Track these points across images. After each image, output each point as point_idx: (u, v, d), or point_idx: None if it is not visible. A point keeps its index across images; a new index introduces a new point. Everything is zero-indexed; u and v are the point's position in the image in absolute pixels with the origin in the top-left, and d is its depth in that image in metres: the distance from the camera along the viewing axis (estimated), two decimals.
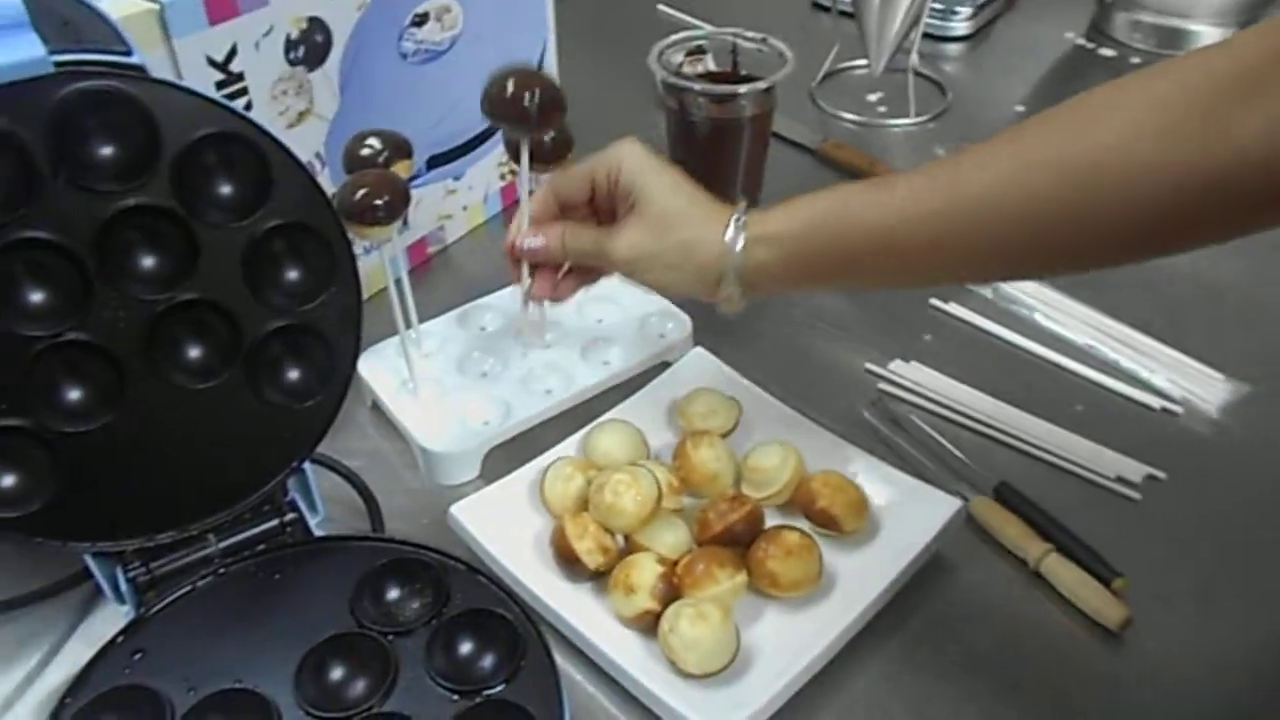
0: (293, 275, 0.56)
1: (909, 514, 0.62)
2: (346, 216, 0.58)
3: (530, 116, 0.59)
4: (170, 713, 0.50)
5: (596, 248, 0.60)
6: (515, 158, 0.65)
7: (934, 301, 0.81)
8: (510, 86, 0.59)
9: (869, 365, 0.76)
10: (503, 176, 0.91)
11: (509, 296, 0.78)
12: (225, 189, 0.53)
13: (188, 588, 0.56)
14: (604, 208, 0.63)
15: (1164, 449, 0.69)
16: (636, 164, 0.60)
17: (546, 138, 0.65)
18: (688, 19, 1.20)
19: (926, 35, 1.11)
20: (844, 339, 0.79)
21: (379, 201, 0.59)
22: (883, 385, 0.74)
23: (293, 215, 0.54)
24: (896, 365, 0.76)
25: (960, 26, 1.18)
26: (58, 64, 0.47)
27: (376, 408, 0.73)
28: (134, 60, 0.50)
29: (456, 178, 0.86)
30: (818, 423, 0.68)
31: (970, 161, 0.51)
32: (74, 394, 0.52)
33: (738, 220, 0.57)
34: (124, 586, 0.56)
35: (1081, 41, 1.18)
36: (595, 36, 1.15)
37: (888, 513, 0.62)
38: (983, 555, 0.63)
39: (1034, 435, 0.70)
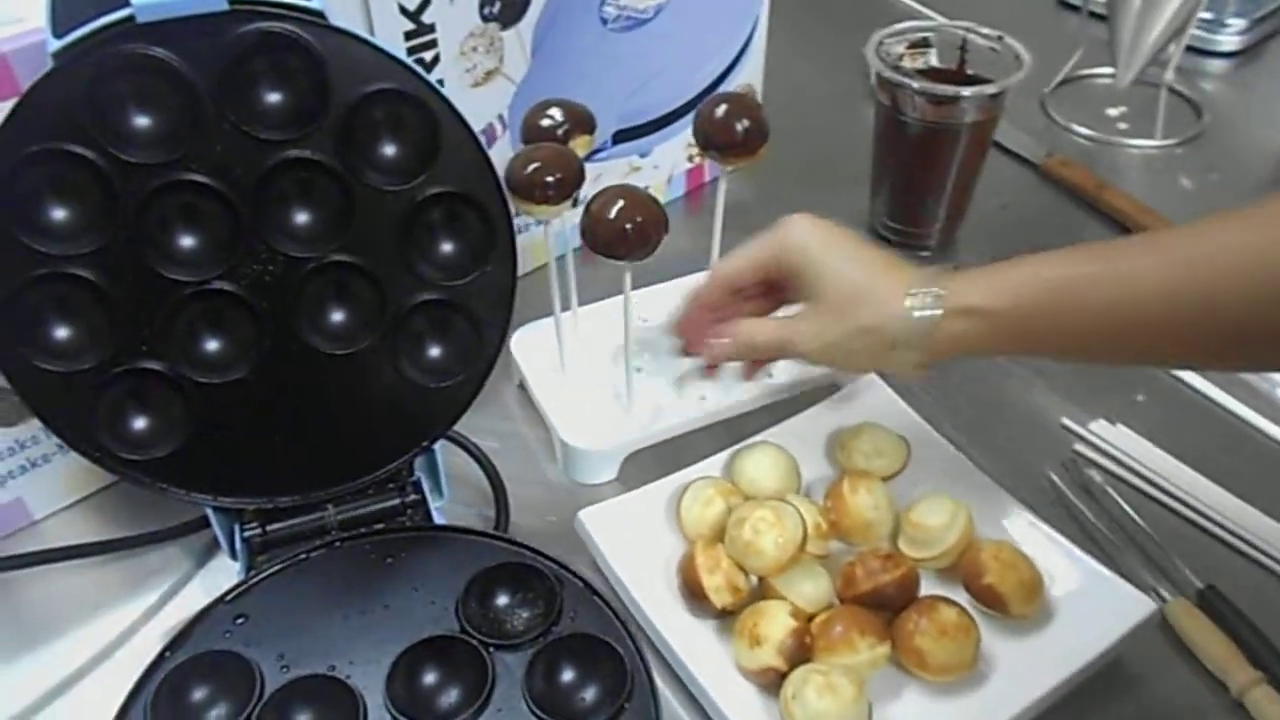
0: (447, 248, 0.52)
1: (1091, 607, 0.53)
2: (514, 191, 0.55)
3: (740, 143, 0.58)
4: (260, 687, 0.48)
5: (781, 345, 0.56)
6: (705, 147, 0.60)
7: None
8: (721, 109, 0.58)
9: (1066, 421, 0.67)
10: (690, 159, 0.85)
11: (675, 289, 0.73)
12: (390, 150, 0.50)
13: (300, 556, 0.54)
14: (776, 287, 0.58)
15: None
16: (805, 245, 0.55)
17: (739, 126, 0.59)
18: (916, 6, 1.11)
19: (1188, 48, 0.98)
20: (1041, 387, 0.70)
21: (550, 179, 0.55)
22: (1079, 447, 0.65)
23: (456, 185, 0.51)
24: (1099, 425, 0.66)
25: (1229, 41, 1.04)
26: (233, 2, 0.45)
27: (524, 388, 0.69)
28: (313, 4, 0.47)
29: (642, 155, 0.81)
30: (997, 481, 0.60)
31: (1215, 231, 0.44)
32: (212, 344, 0.50)
33: (928, 294, 0.51)
34: (239, 545, 0.54)
35: None
36: (810, 17, 1.08)
37: (1066, 602, 0.54)
38: (1176, 667, 0.54)
39: (1255, 532, 0.60)
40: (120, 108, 0.45)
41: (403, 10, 0.61)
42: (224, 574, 0.57)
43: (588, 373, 0.67)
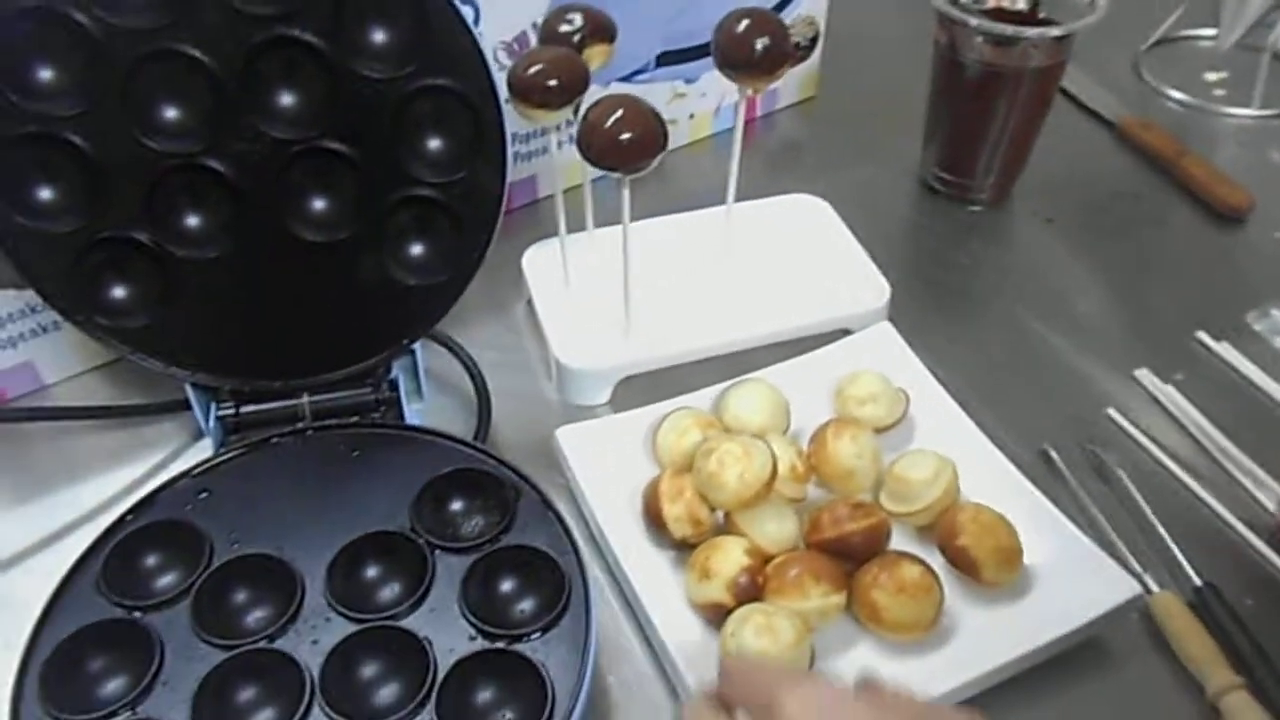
0: (435, 144, 0.52)
1: (1071, 584, 0.50)
2: (513, 92, 0.53)
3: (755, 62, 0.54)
4: (209, 559, 0.49)
5: None
6: (720, 65, 0.57)
7: (1200, 335, 0.66)
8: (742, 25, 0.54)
9: (1091, 390, 0.63)
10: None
11: (706, 218, 0.71)
12: (380, 37, 0.49)
13: (270, 440, 0.54)
14: None
15: None
16: None
17: (759, 43, 0.56)
18: None
19: None
20: (1075, 348, 0.66)
21: (551, 83, 0.53)
22: (1099, 420, 0.61)
23: (447, 79, 0.50)
24: (1126, 397, 0.62)
25: None
26: None
27: (529, 306, 0.68)
28: None
29: (688, 80, 0.79)
30: (995, 442, 0.57)
31: None
32: (193, 219, 0.51)
33: None
34: (212, 422, 0.55)
35: None
36: None
37: (1044, 573, 0.51)
38: (1160, 661, 0.50)
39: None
40: None
41: None
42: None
43: (593, 295, 0.66)
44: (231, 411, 0.55)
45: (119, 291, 0.51)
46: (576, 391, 0.63)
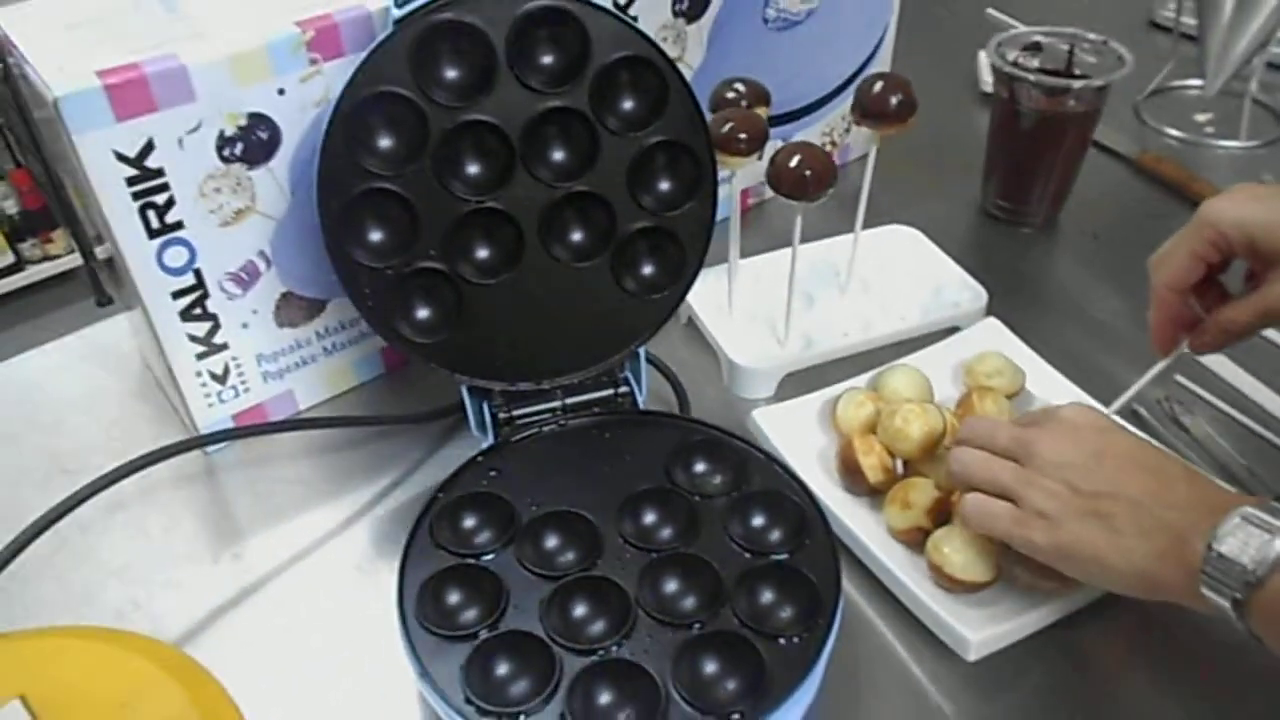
0: (665, 185, 0.66)
1: None
2: (717, 145, 0.68)
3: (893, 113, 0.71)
4: (517, 519, 0.61)
5: (1264, 316, 0.57)
6: (863, 116, 0.73)
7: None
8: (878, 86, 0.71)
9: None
10: (823, 144, 0.98)
11: (825, 247, 0.85)
12: (629, 104, 0.64)
13: (535, 430, 0.67)
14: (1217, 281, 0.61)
15: None
16: (1241, 221, 0.56)
17: (894, 99, 0.72)
18: (1015, 23, 1.23)
19: (1269, 64, 1.09)
20: (1131, 335, 0.81)
21: (742, 135, 0.68)
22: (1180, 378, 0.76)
23: (677, 135, 0.64)
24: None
25: None
26: None
27: (690, 325, 0.82)
28: None
29: (785, 140, 0.94)
30: (1100, 400, 0.71)
31: None
32: (484, 252, 0.64)
33: None
34: (487, 418, 0.68)
35: None
36: (925, 29, 1.20)
37: None
38: None
39: None
40: (438, 61, 0.60)
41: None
42: (458, 456, 0.71)
43: (748, 312, 0.80)
44: (503, 409, 0.67)
45: (423, 313, 0.64)
46: (749, 387, 0.77)
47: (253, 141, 0.63)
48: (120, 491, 0.64)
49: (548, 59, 0.61)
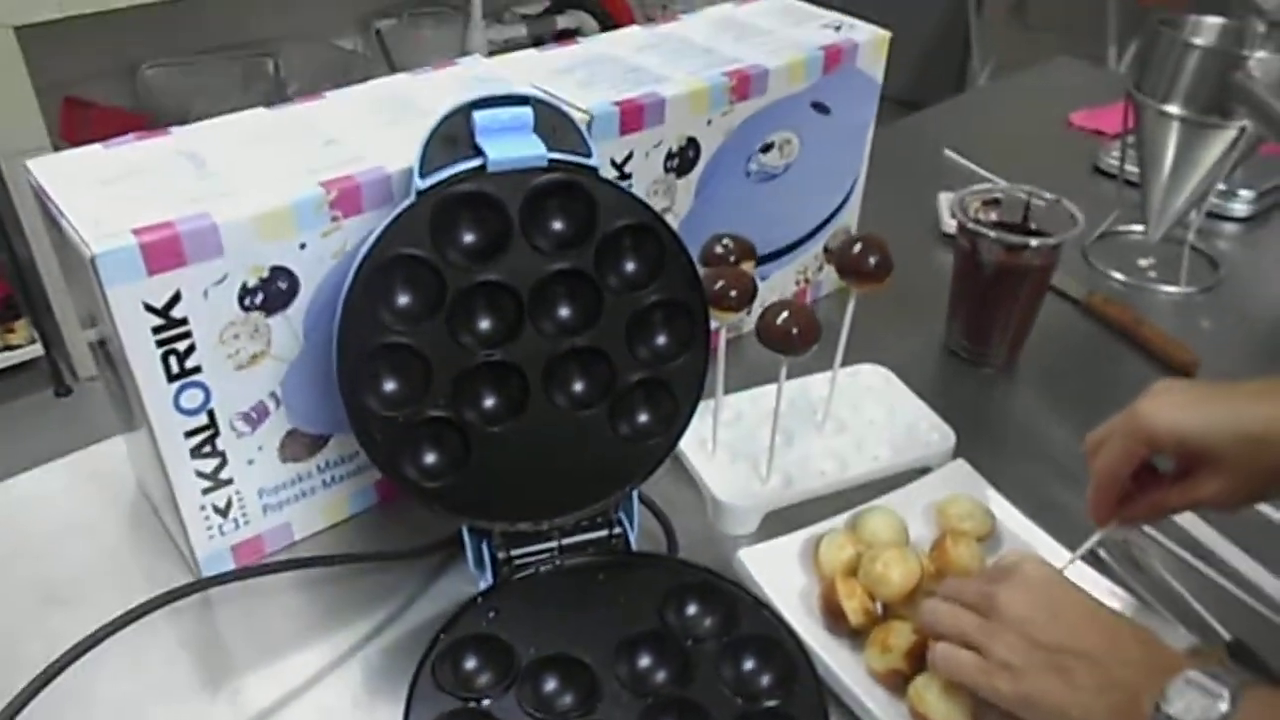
0: (661, 340, 0.70)
1: None
2: (710, 301, 0.72)
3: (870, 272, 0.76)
4: (517, 661, 0.63)
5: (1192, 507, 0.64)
6: (842, 274, 0.78)
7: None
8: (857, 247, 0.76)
9: None
10: (797, 282, 1.04)
11: (793, 387, 0.90)
12: (631, 266, 0.68)
13: (532, 571, 0.70)
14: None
15: None
16: (1174, 424, 0.62)
17: (871, 260, 0.77)
18: (973, 166, 1.32)
19: (1208, 214, 1.18)
20: (1076, 474, 0.86)
21: (734, 292, 0.73)
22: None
23: (674, 294, 0.69)
24: None
25: (1241, 208, 1.24)
26: (549, 160, 0.64)
27: (677, 460, 0.86)
28: (592, 162, 0.66)
29: (763, 279, 1.00)
30: (1067, 547, 0.76)
31: None
32: (491, 401, 0.68)
33: None
34: (486, 558, 0.70)
35: None
36: (888, 173, 1.27)
37: None
38: None
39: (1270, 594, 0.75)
40: (457, 227, 0.64)
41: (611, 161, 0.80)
42: (451, 590, 0.73)
43: (730, 449, 0.84)
44: (502, 549, 0.70)
45: (430, 458, 0.67)
46: (733, 523, 0.80)
47: (272, 291, 0.67)
48: None
49: (558, 225, 0.66)
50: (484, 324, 0.66)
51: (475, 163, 0.63)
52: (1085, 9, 2.68)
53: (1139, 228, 1.16)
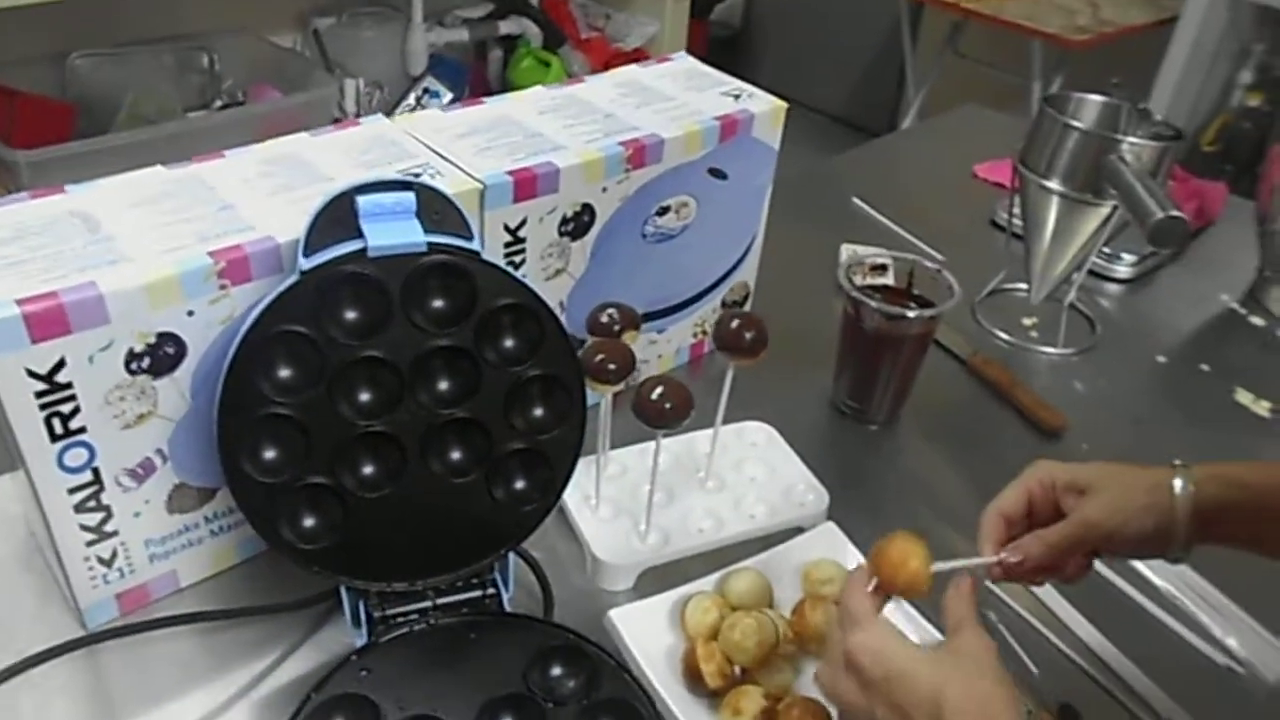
0: (538, 412, 0.73)
1: None
2: (587, 373, 0.76)
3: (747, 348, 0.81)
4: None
5: (1075, 534, 0.68)
6: (720, 348, 0.82)
7: None
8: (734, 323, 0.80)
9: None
10: (694, 335, 1.08)
11: (678, 443, 0.94)
12: (509, 342, 0.71)
13: (406, 629, 0.73)
14: (1040, 519, 0.71)
15: (1223, 707, 0.78)
16: (1059, 469, 0.70)
17: (747, 336, 0.81)
18: (878, 216, 1.37)
19: (1090, 273, 1.23)
20: (951, 529, 0.91)
21: (612, 365, 0.76)
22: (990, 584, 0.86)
23: (551, 369, 0.72)
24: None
25: (1123, 270, 1.30)
26: (429, 244, 0.66)
27: (560, 514, 0.89)
28: (473, 246, 0.69)
29: (660, 331, 1.03)
30: (925, 615, 0.81)
31: None
32: (369, 469, 0.71)
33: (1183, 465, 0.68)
34: (363, 616, 0.73)
35: (1235, 305, 1.28)
36: (797, 218, 1.32)
37: None
38: None
39: (1105, 660, 0.81)
40: (339, 305, 0.67)
41: (506, 228, 0.83)
42: (330, 643, 0.76)
43: (613, 505, 0.88)
44: (378, 608, 0.73)
45: (308, 521, 0.70)
46: (610, 579, 0.84)
47: (159, 356, 0.69)
48: None
49: (438, 304, 0.69)
50: (364, 396, 0.69)
51: (357, 245, 0.65)
52: (1011, 47, 2.76)
53: (1025, 286, 1.22)
